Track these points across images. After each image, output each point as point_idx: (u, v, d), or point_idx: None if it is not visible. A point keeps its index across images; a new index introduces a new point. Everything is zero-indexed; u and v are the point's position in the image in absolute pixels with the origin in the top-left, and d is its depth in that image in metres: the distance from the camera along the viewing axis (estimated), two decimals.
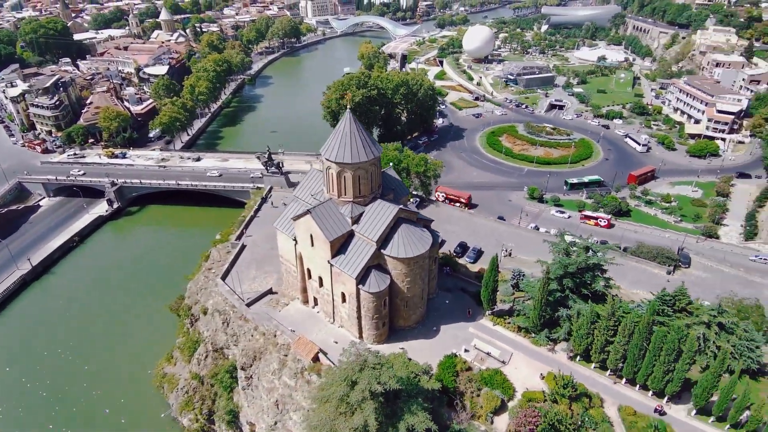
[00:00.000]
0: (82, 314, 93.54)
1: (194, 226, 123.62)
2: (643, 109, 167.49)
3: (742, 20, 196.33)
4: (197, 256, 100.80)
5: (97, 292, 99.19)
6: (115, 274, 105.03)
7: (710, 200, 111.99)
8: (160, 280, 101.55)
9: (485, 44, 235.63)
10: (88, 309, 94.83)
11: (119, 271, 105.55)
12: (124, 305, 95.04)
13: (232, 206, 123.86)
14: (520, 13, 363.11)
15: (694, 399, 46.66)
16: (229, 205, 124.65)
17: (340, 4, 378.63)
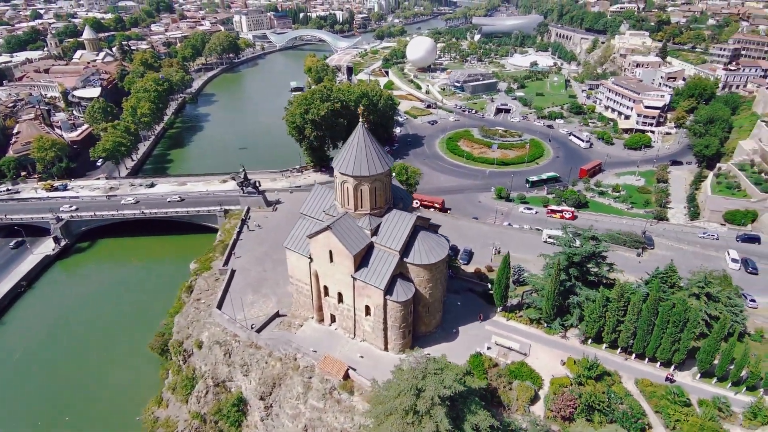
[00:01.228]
0: (46, 368, 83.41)
1: (158, 258, 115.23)
2: (579, 108, 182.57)
3: (653, 24, 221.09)
4: (170, 290, 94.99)
5: (59, 341, 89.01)
6: (75, 318, 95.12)
7: (653, 187, 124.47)
8: (130, 319, 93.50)
9: (428, 54, 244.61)
10: (53, 362, 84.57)
11: (80, 314, 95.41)
12: (94, 351, 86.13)
13: (198, 232, 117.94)
14: (452, 23, 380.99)
15: (699, 364, 52.15)
16: (196, 232, 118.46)
17: (276, 19, 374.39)
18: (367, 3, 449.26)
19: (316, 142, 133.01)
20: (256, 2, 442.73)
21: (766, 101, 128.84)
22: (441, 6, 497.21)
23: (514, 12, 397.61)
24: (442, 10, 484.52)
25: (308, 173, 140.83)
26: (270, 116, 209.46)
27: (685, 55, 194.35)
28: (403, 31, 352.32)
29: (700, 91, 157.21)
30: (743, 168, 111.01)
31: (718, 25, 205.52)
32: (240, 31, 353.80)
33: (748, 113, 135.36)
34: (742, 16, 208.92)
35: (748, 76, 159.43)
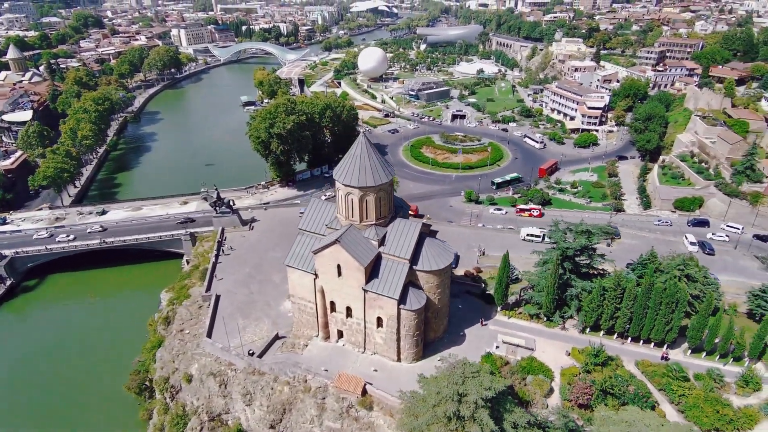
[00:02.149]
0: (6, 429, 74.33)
1: (119, 291, 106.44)
2: (529, 112, 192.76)
3: (584, 31, 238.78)
4: (137, 324, 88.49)
5: (17, 396, 79.05)
6: (32, 367, 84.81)
7: (606, 181, 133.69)
8: (96, 361, 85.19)
9: (379, 64, 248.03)
10: (11, 422, 75.24)
11: (36, 362, 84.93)
12: (60, 402, 77.62)
13: (161, 259, 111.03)
14: (397, 34, 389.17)
15: (690, 340, 56.51)
16: (158, 259, 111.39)
17: (218, 32, 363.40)
18: (311, 15, 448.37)
19: (282, 157, 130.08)
20: (193, 15, 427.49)
21: (696, 98, 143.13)
22: (384, 18, 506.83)
23: (454, 22, 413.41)
24: (384, 21, 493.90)
25: (275, 189, 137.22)
26: (223, 132, 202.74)
27: (616, 59, 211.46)
28: (350, 42, 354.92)
29: (634, 91, 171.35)
30: (684, 159, 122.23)
31: (642, 30, 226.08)
32: (179, 45, 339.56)
33: (681, 109, 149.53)
34: (662, 22, 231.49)
35: (674, 76, 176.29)
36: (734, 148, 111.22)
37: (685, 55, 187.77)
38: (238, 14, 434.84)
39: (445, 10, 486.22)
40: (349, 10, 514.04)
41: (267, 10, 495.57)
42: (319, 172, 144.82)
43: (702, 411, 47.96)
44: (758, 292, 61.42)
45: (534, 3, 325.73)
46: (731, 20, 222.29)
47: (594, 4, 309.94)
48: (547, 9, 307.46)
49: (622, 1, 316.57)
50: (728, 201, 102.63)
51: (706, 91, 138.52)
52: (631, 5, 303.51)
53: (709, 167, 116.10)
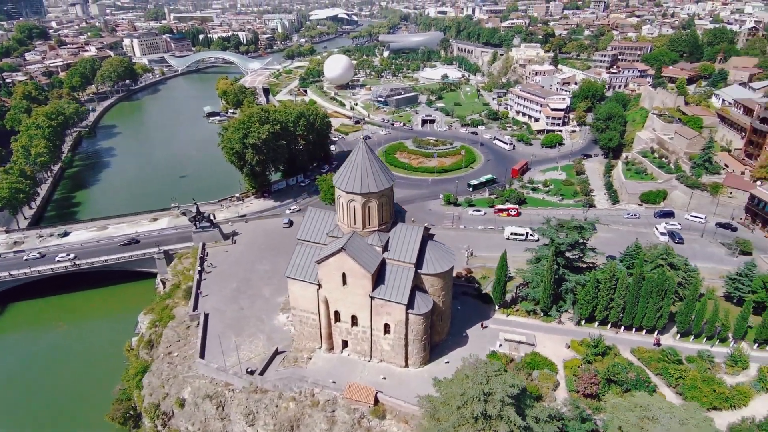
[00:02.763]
0: None
1: (89, 317, 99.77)
2: (496, 114, 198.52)
3: (540, 37, 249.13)
4: (113, 350, 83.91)
5: None
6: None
7: (575, 179, 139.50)
8: (71, 393, 79.49)
9: (346, 71, 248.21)
10: None
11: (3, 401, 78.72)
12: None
13: (132, 280, 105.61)
14: (359, 41, 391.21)
15: (678, 325, 59.64)
16: (129, 280, 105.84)
17: (173, 41, 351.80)
18: (270, 23, 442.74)
19: (258, 167, 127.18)
20: (145, 25, 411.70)
21: (651, 97, 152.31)
22: (344, 25, 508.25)
23: (414, 29, 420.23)
24: (345, 29, 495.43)
25: (250, 200, 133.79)
26: (188, 145, 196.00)
27: (572, 63, 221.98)
28: (313, 50, 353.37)
29: (592, 92, 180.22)
30: (646, 155, 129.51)
31: (594, 35, 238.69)
32: (132, 55, 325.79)
33: (638, 108, 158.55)
34: (612, 27, 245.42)
35: (627, 77, 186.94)
36: (691, 143, 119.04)
37: (636, 58, 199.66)
38: (194, 23, 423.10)
39: (404, 18, 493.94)
40: (308, 18, 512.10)
41: (224, 18, 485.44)
42: (294, 181, 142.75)
43: (700, 391, 50.74)
44: (735, 276, 65.87)
45: (491, 10, 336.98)
46: (674, 23, 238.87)
47: (547, 11, 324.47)
48: (504, 16, 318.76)
49: (572, 8, 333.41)
50: (690, 192, 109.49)
51: (660, 91, 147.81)
52: (581, 11, 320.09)
53: (669, 162, 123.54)
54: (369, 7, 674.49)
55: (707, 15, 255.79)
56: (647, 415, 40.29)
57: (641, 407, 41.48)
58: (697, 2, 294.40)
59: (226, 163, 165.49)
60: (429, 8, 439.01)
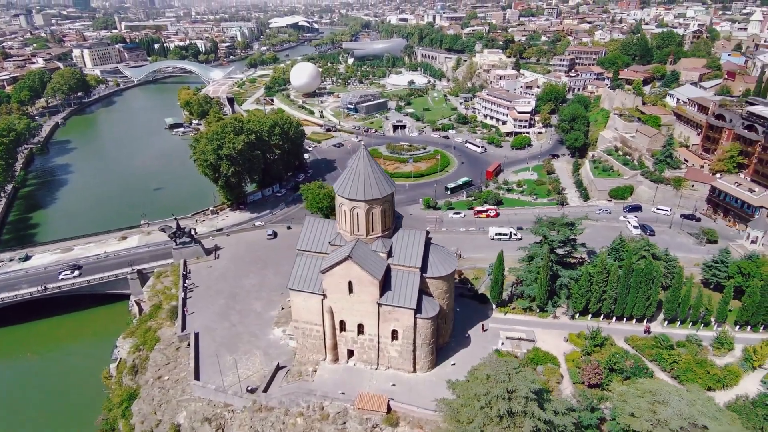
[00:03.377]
0: None
1: (60, 345, 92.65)
2: (465, 119, 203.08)
3: (501, 43, 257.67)
4: (90, 378, 79.29)
5: None
6: None
7: (547, 179, 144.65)
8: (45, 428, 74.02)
9: (312, 79, 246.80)
10: None
11: None
12: None
13: (104, 303, 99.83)
14: (322, 49, 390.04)
15: (665, 312, 62.86)
16: (100, 303, 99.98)
17: (127, 51, 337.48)
18: (229, 31, 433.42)
19: (233, 179, 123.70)
20: (95, 35, 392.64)
21: (610, 98, 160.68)
22: (305, 33, 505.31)
23: (375, 36, 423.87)
24: (307, 37, 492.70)
25: (225, 213, 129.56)
26: (152, 159, 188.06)
27: (533, 67, 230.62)
28: (276, 58, 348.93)
29: (555, 95, 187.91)
30: (610, 153, 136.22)
31: (551, 40, 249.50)
32: (84, 66, 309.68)
33: (599, 109, 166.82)
34: (567, 32, 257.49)
35: (585, 80, 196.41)
36: (652, 140, 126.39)
37: (592, 61, 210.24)
38: (147, 32, 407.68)
39: (365, 25, 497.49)
40: (268, 26, 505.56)
41: (179, 27, 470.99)
42: (270, 192, 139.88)
43: (695, 374, 53.64)
44: (711, 263, 70.28)
45: (451, 18, 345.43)
46: (624, 29, 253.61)
47: (504, 18, 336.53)
48: (464, 23, 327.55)
49: (528, 15, 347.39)
50: (655, 187, 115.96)
51: (619, 92, 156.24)
52: (536, 18, 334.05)
53: (633, 159, 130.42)
54: (329, 14, 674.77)
55: (652, 20, 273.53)
56: (657, 399, 42.18)
57: (650, 392, 43.38)
58: (642, 8, 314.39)
59: (195, 176, 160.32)
60: (390, 16, 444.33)
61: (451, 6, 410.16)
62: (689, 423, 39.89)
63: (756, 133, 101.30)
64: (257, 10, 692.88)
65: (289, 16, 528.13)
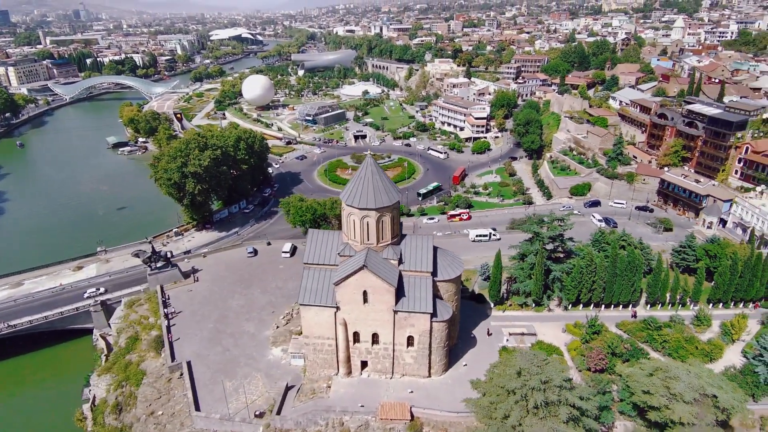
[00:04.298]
0: None
1: (19, 390, 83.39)
2: (424, 126, 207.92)
3: (449, 52, 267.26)
4: (59, 423, 72.90)
5: None
6: None
7: (510, 180, 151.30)
8: None
9: (266, 92, 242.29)
10: None
11: None
12: None
13: (63, 340, 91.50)
14: (269, 61, 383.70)
15: (648, 296, 67.84)
16: (59, 341, 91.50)
17: (56, 67, 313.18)
18: (168, 44, 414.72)
19: (200, 197, 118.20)
20: (18, 51, 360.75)
21: (559, 102, 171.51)
22: (250, 45, 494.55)
23: (322, 48, 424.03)
24: (251, 49, 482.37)
25: (191, 234, 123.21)
26: (96, 181, 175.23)
27: (482, 75, 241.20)
28: (222, 71, 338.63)
29: (506, 101, 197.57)
30: (566, 153, 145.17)
31: (496, 50, 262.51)
32: (8, 85, 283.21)
33: (549, 113, 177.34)
34: (510, 42, 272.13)
35: (532, 86, 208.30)
36: (603, 139, 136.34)
37: (536, 69, 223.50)
38: (77, 46, 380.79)
39: (310, 37, 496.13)
40: (209, 39, 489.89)
41: (111, 40, 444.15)
42: (237, 209, 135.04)
43: (686, 350, 58.25)
44: (679, 248, 76.75)
45: (398, 29, 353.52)
46: (559, 38, 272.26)
47: (449, 29, 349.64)
48: (411, 33, 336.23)
49: (470, 26, 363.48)
50: (610, 183, 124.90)
51: (567, 97, 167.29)
52: (478, 29, 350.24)
53: (587, 158, 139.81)
54: (272, 26, 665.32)
55: (583, 29, 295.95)
56: (669, 375, 45.47)
57: (661, 369, 46.67)
58: (572, 19, 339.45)
59: (151, 197, 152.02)
60: (336, 27, 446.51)
61: (396, 18, 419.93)
62: (699, 394, 43.45)
63: (696, 129, 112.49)
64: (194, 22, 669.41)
65: (230, 28, 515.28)
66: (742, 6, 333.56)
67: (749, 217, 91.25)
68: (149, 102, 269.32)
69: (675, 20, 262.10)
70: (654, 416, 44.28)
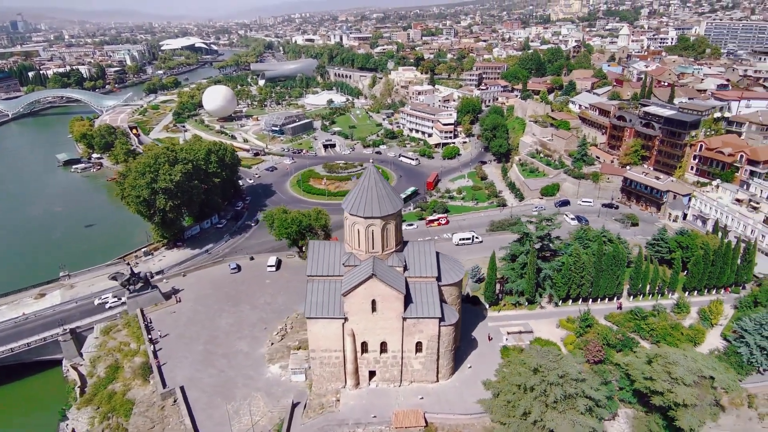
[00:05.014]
0: None
1: None
2: (393, 133, 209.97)
3: (412, 61, 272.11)
4: None
5: None
6: None
7: (482, 184, 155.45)
8: None
9: (228, 103, 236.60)
10: None
11: None
12: None
13: (30, 374, 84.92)
14: (226, 71, 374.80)
15: (631, 288, 71.68)
16: (23, 375, 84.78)
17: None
18: (116, 55, 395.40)
19: (171, 214, 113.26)
20: None
21: (523, 108, 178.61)
22: (204, 55, 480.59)
23: (281, 57, 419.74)
24: (206, 59, 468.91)
25: (161, 253, 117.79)
26: (48, 202, 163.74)
27: (445, 82, 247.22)
28: (178, 82, 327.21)
29: (472, 107, 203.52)
30: (534, 156, 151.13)
31: (456, 58, 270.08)
32: None
33: (513, 117, 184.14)
34: (469, 50, 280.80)
35: (494, 92, 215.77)
36: (568, 142, 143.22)
37: (497, 76, 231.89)
38: (17, 59, 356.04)
39: (268, 46, 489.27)
40: (160, 49, 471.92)
41: (53, 52, 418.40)
42: (209, 224, 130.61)
43: (673, 337, 61.92)
44: (653, 241, 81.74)
45: (359, 38, 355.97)
46: (515, 46, 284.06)
47: (408, 37, 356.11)
48: (372, 42, 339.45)
49: (428, 35, 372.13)
50: (577, 183, 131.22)
51: (530, 102, 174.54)
52: (436, 37, 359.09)
53: (554, 159, 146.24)
54: (226, 36, 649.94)
55: (536, 38, 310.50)
56: (668, 361, 48.25)
57: (660, 356, 49.42)
58: (524, 28, 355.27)
59: (110, 216, 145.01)
60: (294, 36, 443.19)
61: (354, 26, 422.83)
62: (698, 376, 46.41)
63: (653, 129, 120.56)
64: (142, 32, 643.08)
65: (182, 37, 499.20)
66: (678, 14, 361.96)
67: (708, 210, 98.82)
68: (101, 116, 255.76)
69: (619, 28, 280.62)
70: (658, 400, 46.86)
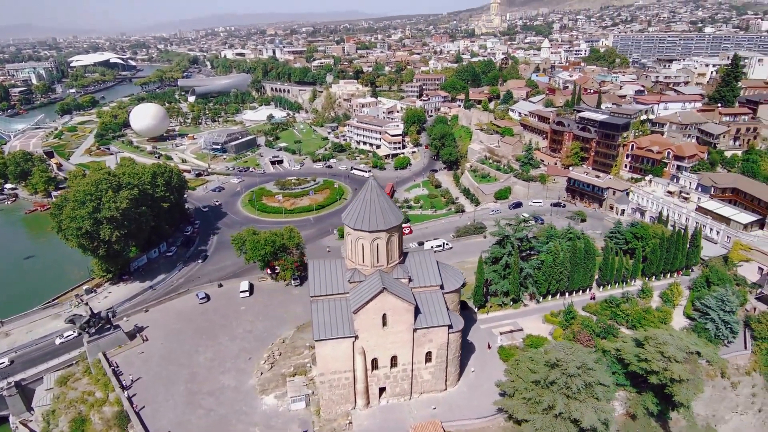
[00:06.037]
0: None
1: None
2: (341, 147, 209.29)
3: (351, 74, 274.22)
4: None
5: None
6: None
7: (437, 192, 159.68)
8: None
9: (159, 121, 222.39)
10: None
11: None
12: None
13: None
14: (149, 88, 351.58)
15: (601, 278, 77.36)
16: None
17: None
18: (20, 74, 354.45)
19: (117, 246, 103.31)
20: None
21: (467, 117, 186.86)
22: (121, 71, 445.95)
23: (210, 72, 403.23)
24: (124, 75, 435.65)
25: (106, 290, 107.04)
26: None
27: (387, 94, 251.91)
28: (95, 101, 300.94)
29: (417, 117, 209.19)
30: (483, 162, 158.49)
31: (395, 70, 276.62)
32: None
33: (459, 126, 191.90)
34: (406, 63, 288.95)
35: (436, 102, 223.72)
36: (514, 147, 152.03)
37: (436, 87, 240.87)
38: None
39: (193, 61, 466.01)
40: (70, 65, 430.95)
41: None
42: (157, 253, 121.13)
43: (647, 320, 67.57)
44: (611, 234, 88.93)
45: (293, 51, 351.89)
46: (448, 58, 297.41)
47: (344, 51, 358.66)
48: (308, 56, 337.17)
49: (363, 48, 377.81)
50: (527, 185, 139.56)
51: (474, 111, 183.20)
52: (371, 50, 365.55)
53: (502, 164, 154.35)
54: (145, 50, 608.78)
55: (465, 50, 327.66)
56: (658, 341, 52.52)
57: (652, 338, 53.60)
58: (453, 41, 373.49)
59: (38, 251, 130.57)
60: (222, 50, 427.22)
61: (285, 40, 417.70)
62: (686, 353, 51.04)
63: (589, 132, 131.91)
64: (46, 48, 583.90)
65: (94, 53, 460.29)
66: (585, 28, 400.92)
67: (645, 203, 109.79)
68: (9, 141, 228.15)
69: (537, 42, 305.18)
70: (655, 379, 50.81)
